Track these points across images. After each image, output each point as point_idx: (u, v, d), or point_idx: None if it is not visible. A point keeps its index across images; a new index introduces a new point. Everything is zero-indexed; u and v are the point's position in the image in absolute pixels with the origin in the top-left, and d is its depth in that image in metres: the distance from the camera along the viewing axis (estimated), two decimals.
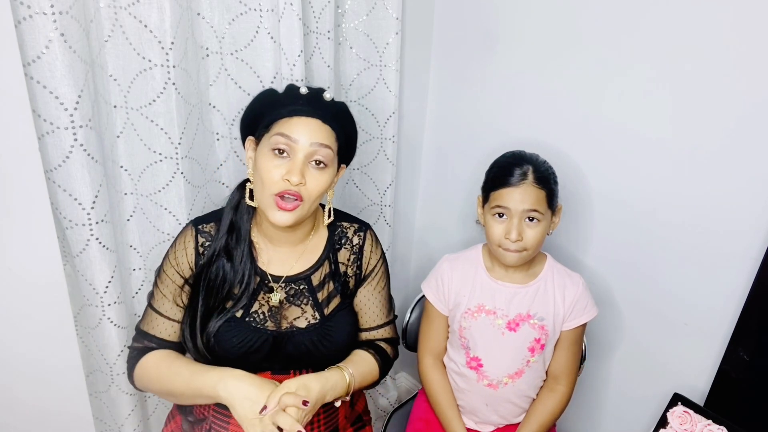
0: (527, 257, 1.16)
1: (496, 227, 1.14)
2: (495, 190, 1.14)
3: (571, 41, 1.28)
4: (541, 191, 1.11)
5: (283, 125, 1.01)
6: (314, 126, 1.01)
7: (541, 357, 1.20)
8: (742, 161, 1.07)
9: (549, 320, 1.19)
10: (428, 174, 1.75)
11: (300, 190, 1.00)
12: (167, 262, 1.09)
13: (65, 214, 1.08)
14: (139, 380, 1.08)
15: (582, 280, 1.22)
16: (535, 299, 1.19)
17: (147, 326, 1.09)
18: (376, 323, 1.19)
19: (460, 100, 1.58)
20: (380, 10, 1.40)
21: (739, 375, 1.14)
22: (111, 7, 1.05)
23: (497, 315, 1.20)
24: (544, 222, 1.13)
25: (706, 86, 1.09)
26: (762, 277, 1.07)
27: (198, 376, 1.01)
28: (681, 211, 1.18)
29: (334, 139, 1.04)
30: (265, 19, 1.20)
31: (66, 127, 1.00)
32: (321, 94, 1.06)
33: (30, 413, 1.12)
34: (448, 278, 1.24)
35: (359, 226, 1.18)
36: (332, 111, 1.05)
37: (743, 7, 1.01)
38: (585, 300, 1.20)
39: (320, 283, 1.12)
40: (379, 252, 1.20)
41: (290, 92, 1.06)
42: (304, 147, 1.00)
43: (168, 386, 1.04)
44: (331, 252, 1.14)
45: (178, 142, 1.17)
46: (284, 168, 0.99)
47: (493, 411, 1.25)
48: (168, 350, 1.08)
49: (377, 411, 1.82)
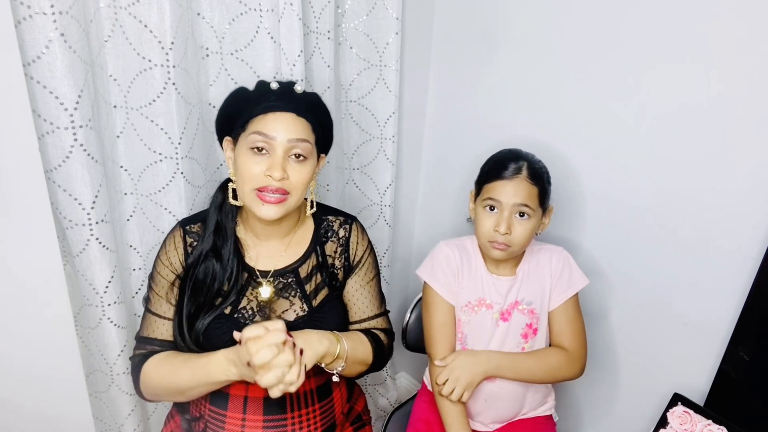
0: (512, 254, 1.18)
1: (487, 220, 1.15)
2: (488, 182, 1.15)
3: (571, 41, 1.28)
4: (534, 187, 1.13)
5: (259, 123, 1.01)
6: (289, 120, 1.01)
7: (533, 341, 1.22)
8: (742, 161, 1.07)
9: (537, 303, 1.21)
10: (428, 174, 1.75)
11: (284, 185, 1.01)
12: (159, 263, 1.10)
13: (65, 214, 1.08)
14: (145, 388, 1.07)
15: (565, 252, 1.24)
16: (521, 286, 1.21)
17: (147, 331, 1.09)
18: (367, 315, 1.18)
19: (460, 100, 1.58)
20: (380, 10, 1.40)
21: (739, 375, 1.14)
22: (111, 7, 1.05)
23: (494, 309, 1.21)
24: (534, 219, 1.14)
25: (705, 85, 1.09)
26: (762, 277, 1.07)
27: (202, 365, 1.01)
28: (681, 212, 1.18)
29: (310, 131, 1.04)
30: (265, 19, 1.20)
31: (66, 127, 1.00)
32: (292, 87, 1.06)
33: (30, 413, 1.12)
34: (447, 264, 1.24)
35: (345, 219, 1.19)
36: (305, 103, 1.05)
37: (743, 6, 1.01)
38: (569, 269, 1.22)
39: (308, 275, 1.13)
40: (366, 242, 1.20)
41: (261, 89, 1.06)
42: (282, 143, 1.00)
43: (174, 385, 1.03)
44: (318, 245, 1.15)
45: (178, 142, 1.17)
46: (264, 164, 1.00)
47: (492, 407, 1.25)
48: (166, 352, 1.08)
49: (377, 411, 1.82)
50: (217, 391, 1.07)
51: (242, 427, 1.06)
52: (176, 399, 1.10)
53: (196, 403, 1.11)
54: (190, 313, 1.06)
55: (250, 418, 1.06)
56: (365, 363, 1.13)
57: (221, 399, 1.08)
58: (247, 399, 1.07)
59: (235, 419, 1.06)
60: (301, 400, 1.09)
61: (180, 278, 1.09)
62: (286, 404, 1.08)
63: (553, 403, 1.32)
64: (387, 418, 1.44)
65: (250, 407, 1.07)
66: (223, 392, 1.08)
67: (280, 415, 1.07)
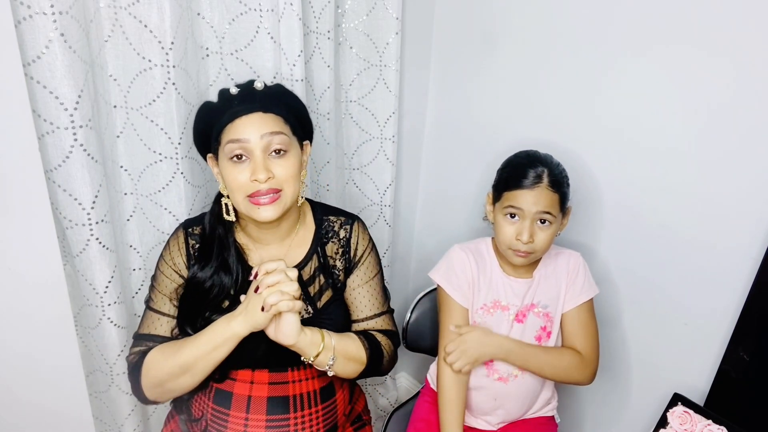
0: (534, 259, 1.18)
1: (508, 228, 1.15)
2: (508, 190, 1.13)
3: (572, 41, 1.28)
4: (555, 194, 1.12)
5: (229, 131, 1.00)
6: (257, 120, 1.00)
7: (546, 343, 1.22)
8: (742, 161, 1.07)
9: (552, 306, 1.21)
10: (428, 174, 1.75)
11: (273, 185, 1.00)
12: (163, 263, 1.09)
13: (65, 214, 1.08)
14: (147, 381, 1.04)
15: (581, 258, 1.24)
16: (538, 289, 1.21)
17: (147, 329, 1.09)
18: (366, 314, 1.16)
19: (460, 100, 1.58)
20: (380, 10, 1.40)
21: (739, 375, 1.14)
22: (111, 7, 1.05)
23: (510, 311, 1.21)
24: (555, 224, 1.14)
25: (707, 87, 1.09)
26: (762, 277, 1.07)
27: (204, 332, 1.01)
28: (680, 211, 1.18)
29: (282, 122, 1.02)
30: (265, 19, 1.20)
31: (66, 127, 1.00)
32: (252, 86, 1.04)
33: (30, 413, 1.12)
34: (461, 268, 1.23)
35: (346, 219, 1.17)
36: (270, 97, 1.04)
37: (750, 11, 1.01)
38: (584, 275, 1.22)
39: (310, 277, 1.13)
40: (367, 240, 1.18)
41: (223, 97, 1.05)
42: (256, 143, 0.99)
43: (180, 362, 1.01)
44: (319, 246, 1.14)
45: (178, 142, 1.17)
46: (248, 170, 0.99)
47: (501, 407, 1.25)
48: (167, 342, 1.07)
49: (377, 411, 1.82)
50: (220, 390, 1.08)
51: (245, 427, 1.06)
52: (183, 382, 1.03)
53: (198, 402, 1.10)
54: (195, 313, 1.06)
55: (253, 418, 1.06)
56: (359, 360, 1.09)
57: (225, 398, 1.07)
58: (251, 399, 1.07)
59: (238, 418, 1.06)
60: (305, 401, 1.09)
61: (184, 280, 1.09)
62: (290, 405, 1.08)
63: (555, 404, 1.32)
64: (387, 418, 1.44)
65: (254, 407, 1.07)
66: (226, 391, 1.08)
67: (283, 415, 1.07)
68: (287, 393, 1.08)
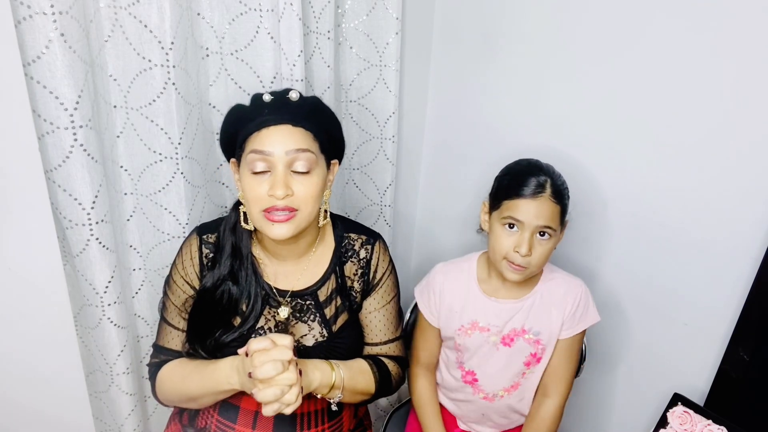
0: (529, 275, 1.11)
1: (505, 239, 1.09)
2: (508, 199, 1.08)
3: (572, 42, 1.28)
4: (556, 206, 1.07)
5: (255, 141, 0.96)
6: (285, 133, 0.96)
7: (537, 368, 1.19)
8: (742, 161, 1.07)
9: (545, 334, 1.16)
10: (428, 174, 1.75)
11: (289, 203, 0.95)
12: (176, 271, 1.08)
13: (65, 214, 1.08)
14: (162, 395, 1.07)
15: (583, 287, 1.18)
16: (530, 314, 1.16)
17: (162, 341, 1.09)
18: (380, 339, 1.13)
19: (460, 100, 1.58)
20: (380, 10, 1.40)
21: (739, 375, 1.14)
22: (111, 7, 1.05)
23: (491, 332, 1.17)
24: (554, 238, 1.09)
25: (708, 88, 1.09)
26: (762, 277, 1.07)
27: (210, 371, 1.00)
28: (680, 211, 1.18)
29: (311, 139, 0.98)
30: (265, 19, 1.20)
31: (66, 127, 1.00)
32: (286, 95, 0.99)
33: (30, 413, 1.12)
34: (439, 290, 1.20)
35: (367, 238, 1.13)
36: (303, 110, 0.99)
37: (751, 11, 1.01)
38: (585, 307, 1.17)
39: (327, 298, 1.09)
40: (387, 262, 1.14)
41: (255, 103, 1.00)
42: (280, 158, 0.94)
43: (186, 392, 1.03)
44: (338, 265, 1.10)
45: (178, 142, 1.17)
46: (267, 184, 0.95)
47: (490, 419, 1.25)
48: (179, 359, 1.07)
49: (377, 411, 1.82)
50: (227, 403, 1.06)
51: None
52: (190, 406, 1.08)
53: (203, 414, 1.10)
54: (204, 328, 1.04)
55: None
56: (367, 393, 1.08)
57: (231, 411, 1.06)
58: (258, 414, 1.05)
59: None
60: (312, 419, 1.08)
61: (195, 291, 1.07)
62: (296, 423, 1.06)
63: None
64: (387, 418, 1.44)
65: (260, 423, 1.05)
66: (233, 405, 1.06)
67: None
68: (295, 410, 1.06)
